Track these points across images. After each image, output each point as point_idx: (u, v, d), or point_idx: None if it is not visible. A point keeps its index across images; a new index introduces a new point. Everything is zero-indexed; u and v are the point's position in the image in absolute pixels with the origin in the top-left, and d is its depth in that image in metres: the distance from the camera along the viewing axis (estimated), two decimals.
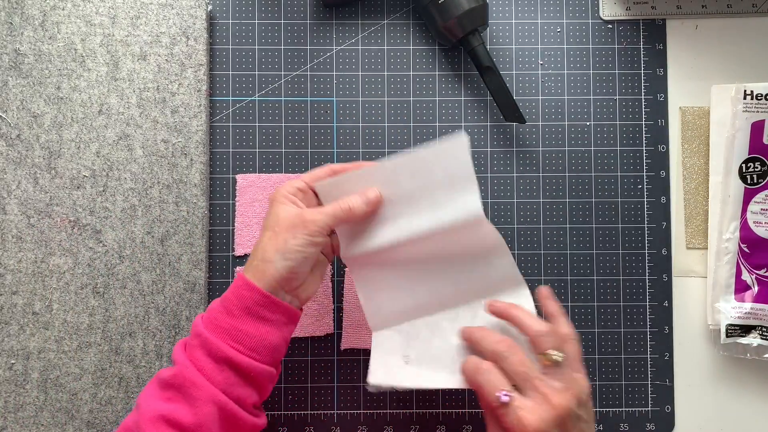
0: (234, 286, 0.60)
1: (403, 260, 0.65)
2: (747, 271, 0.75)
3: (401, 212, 0.64)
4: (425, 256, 0.65)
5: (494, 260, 0.65)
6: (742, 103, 0.75)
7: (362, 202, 0.63)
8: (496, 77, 0.74)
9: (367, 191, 0.63)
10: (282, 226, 0.60)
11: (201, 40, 0.75)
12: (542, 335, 0.58)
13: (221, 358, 0.57)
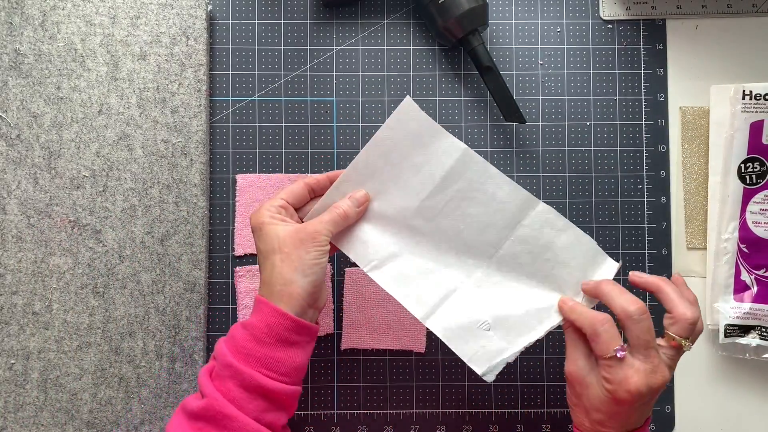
0: (261, 313, 0.59)
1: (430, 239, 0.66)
2: (746, 271, 0.75)
3: (394, 195, 0.65)
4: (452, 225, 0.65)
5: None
6: (740, 104, 0.75)
7: (353, 205, 0.63)
8: (496, 77, 0.74)
9: (354, 193, 0.64)
10: (290, 245, 0.60)
11: (201, 40, 0.75)
12: (687, 321, 0.58)
13: (254, 387, 0.57)
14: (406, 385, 0.76)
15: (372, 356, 0.76)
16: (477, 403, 0.76)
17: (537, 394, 0.76)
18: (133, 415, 0.73)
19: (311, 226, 0.61)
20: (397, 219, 0.65)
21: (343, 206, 0.63)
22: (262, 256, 0.61)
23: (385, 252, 0.65)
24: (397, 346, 0.76)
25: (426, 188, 0.64)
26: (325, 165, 0.77)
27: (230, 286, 0.76)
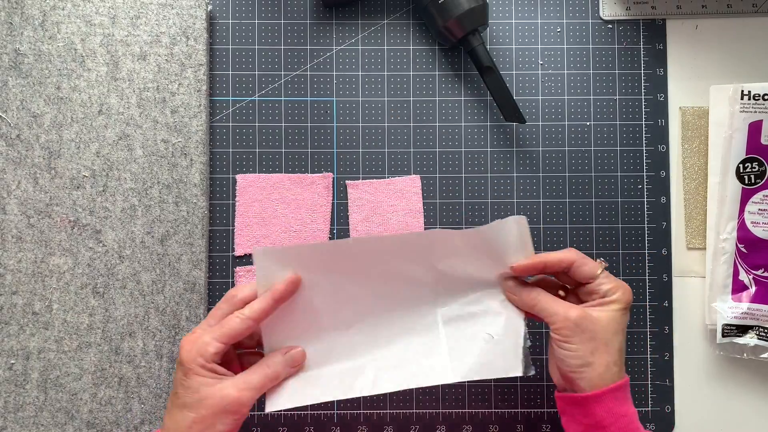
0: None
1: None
2: (744, 271, 0.75)
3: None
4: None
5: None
6: (739, 104, 0.75)
7: (287, 364, 0.62)
8: (496, 77, 0.74)
9: (291, 350, 0.63)
10: (209, 410, 0.57)
11: (201, 40, 0.75)
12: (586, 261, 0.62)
13: None
14: None
15: None
16: (477, 403, 0.76)
17: (537, 394, 0.76)
18: (133, 415, 0.73)
19: (236, 393, 0.58)
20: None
21: (274, 367, 0.61)
22: (177, 398, 0.59)
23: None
24: None
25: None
26: (325, 165, 0.77)
27: (230, 286, 0.76)
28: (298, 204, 0.77)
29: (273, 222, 0.76)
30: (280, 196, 0.77)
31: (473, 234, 0.63)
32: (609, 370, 0.59)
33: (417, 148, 0.78)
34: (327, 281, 0.64)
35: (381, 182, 0.77)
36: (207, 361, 0.58)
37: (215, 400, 0.57)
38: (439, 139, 0.78)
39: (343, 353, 0.65)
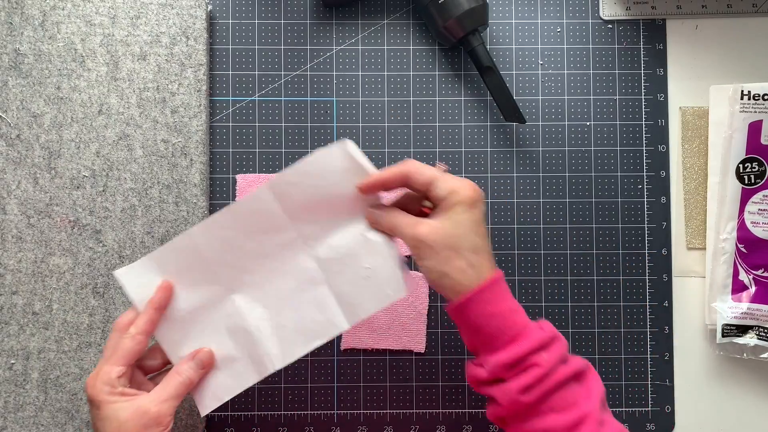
0: None
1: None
2: (744, 271, 0.75)
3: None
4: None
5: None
6: (739, 104, 0.75)
7: (196, 367, 0.62)
8: (496, 77, 0.74)
9: (197, 353, 0.62)
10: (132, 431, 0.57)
11: (201, 40, 0.75)
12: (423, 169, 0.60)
13: None
14: (406, 385, 0.76)
15: (372, 356, 0.76)
16: (477, 403, 0.76)
17: None
18: None
19: (154, 407, 0.58)
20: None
21: (185, 373, 0.61)
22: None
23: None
24: (397, 346, 0.76)
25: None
26: None
27: None
28: None
29: None
30: None
31: (301, 169, 0.61)
32: (465, 274, 0.57)
33: (417, 148, 0.78)
34: (199, 274, 0.64)
35: None
36: (114, 387, 0.58)
37: (135, 420, 0.57)
38: (439, 139, 0.78)
39: (243, 336, 0.64)
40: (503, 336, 0.57)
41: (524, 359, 0.56)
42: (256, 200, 0.62)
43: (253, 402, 0.75)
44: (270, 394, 0.75)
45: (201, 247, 0.63)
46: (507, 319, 0.57)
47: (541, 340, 0.56)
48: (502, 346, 0.57)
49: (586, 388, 0.57)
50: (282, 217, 0.63)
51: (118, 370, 0.59)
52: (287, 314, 0.64)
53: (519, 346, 0.56)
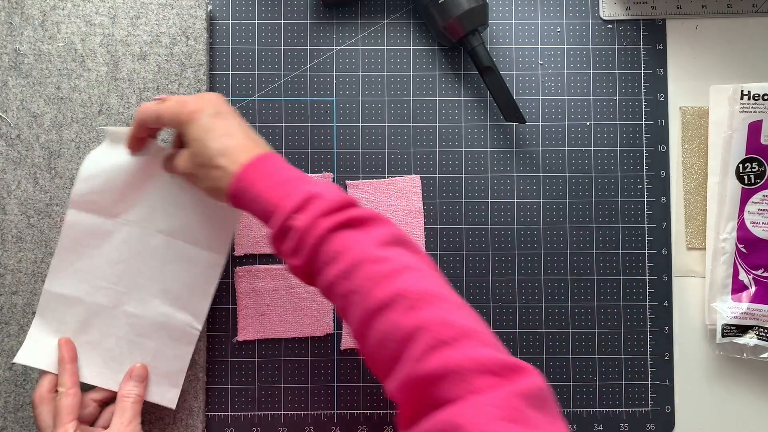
0: None
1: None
2: (744, 271, 0.75)
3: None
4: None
5: None
6: (739, 104, 0.75)
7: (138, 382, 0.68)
8: (496, 77, 0.74)
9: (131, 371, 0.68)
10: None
11: (201, 40, 0.75)
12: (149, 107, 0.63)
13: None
14: None
15: None
16: None
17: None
18: None
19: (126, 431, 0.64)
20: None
21: (133, 392, 0.67)
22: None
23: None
24: None
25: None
26: (325, 165, 0.77)
27: (230, 286, 0.76)
28: None
29: None
30: None
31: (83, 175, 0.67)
32: (220, 181, 0.58)
33: (417, 148, 0.78)
34: (82, 313, 0.69)
35: (381, 182, 0.77)
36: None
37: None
38: (439, 139, 0.78)
39: (155, 330, 0.70)
40: (268, 215, 0.56)
41: (283, 227, 0.55)
42: (70, 227, 0.68)
43: (253, 402, 0.75)
44: (270, 394, 0.75)
45: (66, 292, 0.69)
46: (266, 199, 0.56)
47: (296, 203, 0.55)
48: (270, 225, 0.57)
49: (362, 232, 0.55)
50: (104, 222, 0.68)
51: (72, 426, 0.63)
52: (174, 287, 0.69)
53: (275, 218, 0.56)
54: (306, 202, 0.55)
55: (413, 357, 0.48)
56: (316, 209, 0.54)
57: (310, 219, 0.54)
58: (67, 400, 0.64)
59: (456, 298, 0.52)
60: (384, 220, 0.56)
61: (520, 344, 0.77)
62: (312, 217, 0.54)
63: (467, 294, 0.77)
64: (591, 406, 0.76)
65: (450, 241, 0.77)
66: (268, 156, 0.58)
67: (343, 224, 0.54)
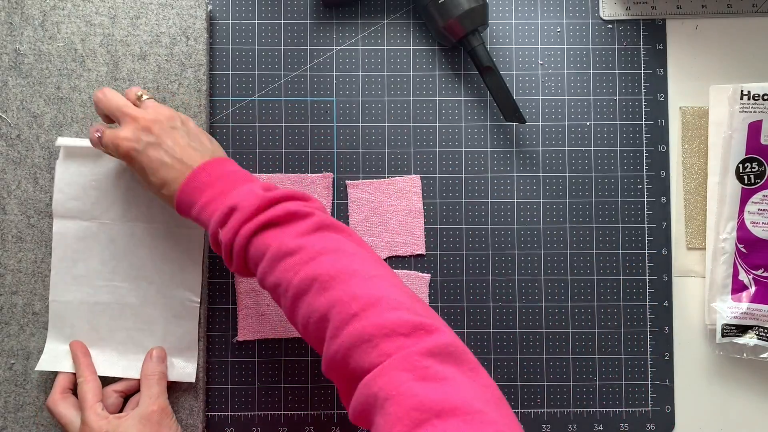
0: None
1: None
2: (744, 271, 0.75)
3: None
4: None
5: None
6: (739, 104, 0.75)
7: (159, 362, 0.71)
8: (496, 77, 0.74)
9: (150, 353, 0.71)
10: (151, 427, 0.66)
11: (201, 40, 0.75)
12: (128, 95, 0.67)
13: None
14: None
15: None
16: None
17: (537, 394, 0.76)
18: None
19: (154, 405, 0.67)
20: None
21: (157, 370, 0.69)
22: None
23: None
24: None
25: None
26: (325, 165, 0.77)
27: (230, 286, 0.76)
28: None
29: None
30: None
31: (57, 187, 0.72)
32: (169, 204, 0.64)
33: (417, 148, 0.78)
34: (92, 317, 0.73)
35: (381, 182, 0.77)
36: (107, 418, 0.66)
37: (146, 424, 0.66)
38: (439, 139, 0.78)
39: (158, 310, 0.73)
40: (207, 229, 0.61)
41: (215, 242, 0.60)
42: (60, 236, 0.72)
43: (253, 402, 0.75)
44: (270, 394, 0.75)
45: (69, 298, 0.72)
46: (202, 221, 0.61)
47: (219, 219, 0.59)
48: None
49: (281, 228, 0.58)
50: (88, 225, 0.72)
51: (99, 406, 0.66)
52: (165, 268, 0.73)
53: (209, 234, 0.60)
54: (227, 216, 0.58)
55: (329, 336, 0.53)
56: (235, 221, 0.58)
57: (232, 231, 0.58)
58: (89, 386, 0.68)
59: (371, 268, 0.55)
60: (306, 212, 0.59)
61: (520, 344, 0.77)
62: (233, 229, 0.58)
63: (467, 294, 0.77)
64: (591, 406, 0.76)
65: (450, 241, 0.77)
66: (197, 173, 0.61)
67: (263, 225, 0.58)
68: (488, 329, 0.77)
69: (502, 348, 0.77)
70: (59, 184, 0.72)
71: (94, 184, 0.72)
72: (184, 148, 0.63)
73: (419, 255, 0.77)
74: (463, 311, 0.77)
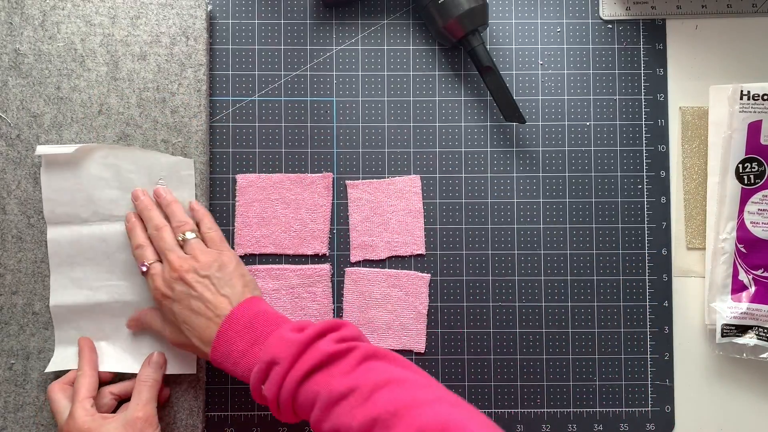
0: None
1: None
2: (744, 272, 0.75)
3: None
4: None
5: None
6: (738, 104, 0.75)
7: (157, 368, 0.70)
8: (496, 77, 0.74)
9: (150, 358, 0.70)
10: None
11: (201, 40, 0.75)
12: (181, 222, 0.69)
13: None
14: None
15: None
16: (477, 403, 0.76)
17: (537, 394, 0.76)
18: None
19: (140, 412, 0.65)
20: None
21: (151, 377, 0.68)
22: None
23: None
24: (397, 345, 0.76)
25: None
26: (325, 165, 0.77)
27: None
28: (298, 204, 0.77)
29: (273, 222, 0.76)
30: (280, 196, 0.77)
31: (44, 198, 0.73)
32: (198, 352, 0.65)
33: (417, 148, 0.78)
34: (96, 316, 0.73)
35: (381, 182, 0.77)
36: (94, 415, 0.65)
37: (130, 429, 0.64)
38: (439, 139, 0.78)
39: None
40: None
41: (260, 398, 0.61)
42: (55, 242, 0.72)
43: (253, 402, 0.75)
44: None
45: (70, 302, 0.72)
46: (239, 375, 0.62)
47: (259, 377, 0.60)
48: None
49: (327, 371, 0.58)
50: (80, 228, 0.72)
51: (89, 402, 0.66)
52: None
53: (252, 391, 0.61)
54: (266, 371, 0.59)
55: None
56: (276, 375, 0.58)
57: (276, 386, 0.58)
58: (85, 380, 0.68)
59: (427, 393, 0.55)
60: (345, 349, 0.59)
61: (520, 344, 0.77)
62: (276, 383, 0.58)
63: (467, 294, 0.77)
64: (591, 406, 0.76)
65: (450, 241, 0.77)
66: (227, 326, 0.62)
67: (307, 374, 0.58)
68: (488, 329, 0.77)
69: (502, 348, 0.77)
70: (46, 192, 0.72)
71: (80, 188, 0.72)
72: (215, 295, 0.64)
73: (419, 255, 0.77)
74: (463, 311, 0.77)
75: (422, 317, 0.76)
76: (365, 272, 0.77)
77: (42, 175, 0.72)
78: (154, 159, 0.73)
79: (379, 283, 0.76)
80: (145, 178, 0.73)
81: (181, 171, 0.73)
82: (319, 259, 0.77)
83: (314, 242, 0.77)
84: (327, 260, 0.77)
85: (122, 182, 0.72)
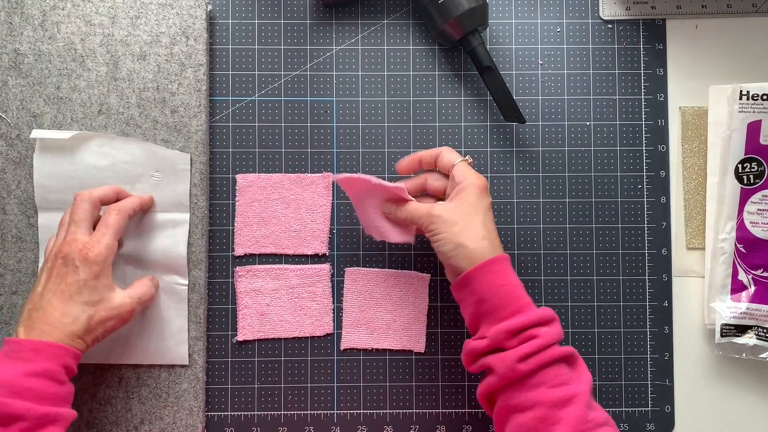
0: None
1: None
2: (743, 271, 0.75)
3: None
4: None
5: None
6: (738, 104, 0.75)
7: (154, 285, 0.72)
8: (496, 77, 0.74)
9: (152, 278, 0.72)
10: (105, 313, 0.65)
11: (201, 40, 0.75)
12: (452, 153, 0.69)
13: None
14: (406, 385, 0.76)
15: (372, 356, 0.76)
16: (477, 403, 0.76)
17: None
18: (133, 414, 0.73)
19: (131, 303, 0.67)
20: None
21: (147, 285, 0.70)
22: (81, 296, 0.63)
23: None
24: (397, 345, 0.76)
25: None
26: (325, 165, 0.77)
27: (230, 286, 0.76)
28: (298, 204, 0.77)
29: (273, 222, 0.76)
30: (280, 196, 0.77)
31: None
32: (479, 244, 0.63)
33: (417, 148, 0.78)
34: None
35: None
36: (109, 265, 0.65)
37: (113, 305, 0.65)
38: (439, 139, 0.78)
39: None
40: (508, 307, 0.62)
41: (526, 329, 0.61)
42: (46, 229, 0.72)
43: (253, 402, 0.75)
44: (270, 394, 0.75)
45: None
46: (513, 293, 0.62)
47: (542, 316, 0.61)
48: (507, 316, 0.61)
49: (577, 371, 0.61)
50: None
51: (116, 246, 0.66)
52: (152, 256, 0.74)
53: (523, 316, 0.61)
54: (551, 320, 0.62)
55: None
56: (555, 331, 0.61)
57: (552, 338, 0.60)
58: (116, 220, 0.67)
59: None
60: (582, 362, 0.63)
61: None
62: (553, 336, 0.61)
63: None
64: None
65: None
66: (509, 258, 0.65)
67: (566, 358, 0.61)
68: None
69: None
70: (38, 177, 0.72)
71: (73, 175, 0.72)
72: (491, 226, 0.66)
73: (419, 254, 0.77)
74: None
75: (422, 317, 0.76)
76: (365, 272, 0.77)
77: (35, 159, 0.72)
78: (150, 151, 0.73)
79: (379, 283, 0.76)
80: (140, 169, 0.73)
81: (177, 165, 0.73)
82: (319, 259, 0.77)
83: (314, 242, 0.77)
84: (327, 260, 0.77)
85: (117, 172, 0.72)
